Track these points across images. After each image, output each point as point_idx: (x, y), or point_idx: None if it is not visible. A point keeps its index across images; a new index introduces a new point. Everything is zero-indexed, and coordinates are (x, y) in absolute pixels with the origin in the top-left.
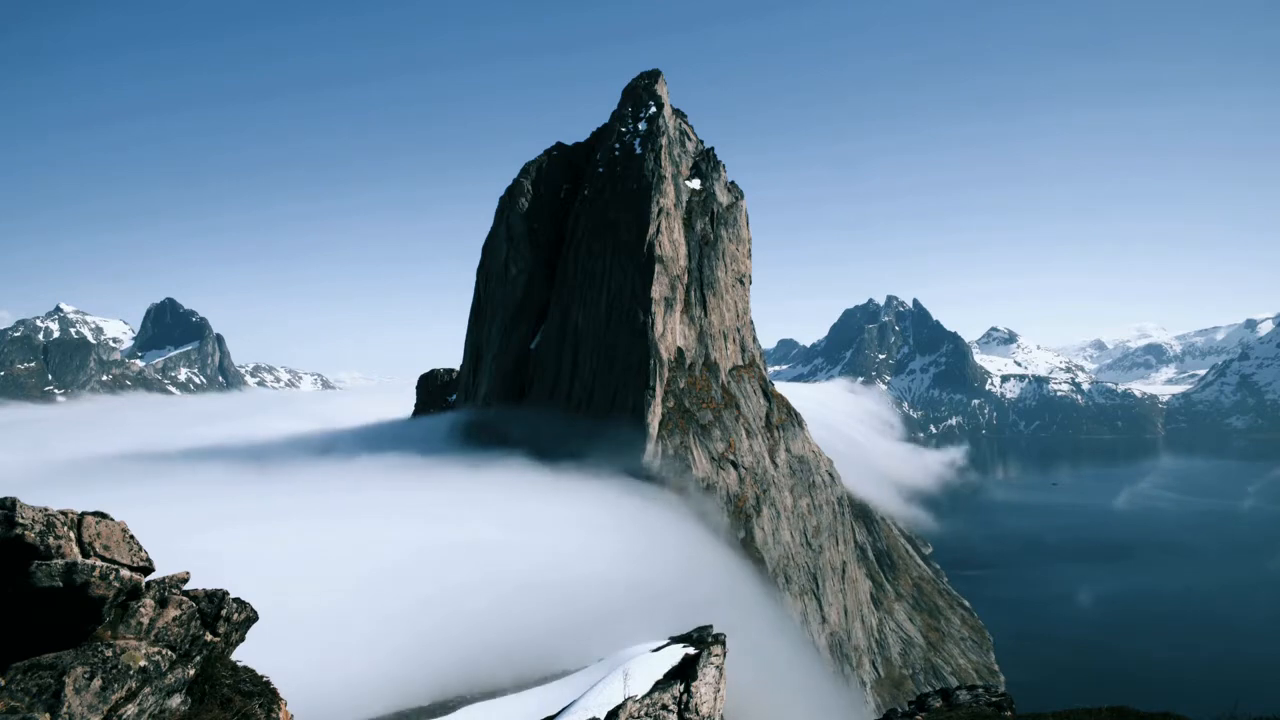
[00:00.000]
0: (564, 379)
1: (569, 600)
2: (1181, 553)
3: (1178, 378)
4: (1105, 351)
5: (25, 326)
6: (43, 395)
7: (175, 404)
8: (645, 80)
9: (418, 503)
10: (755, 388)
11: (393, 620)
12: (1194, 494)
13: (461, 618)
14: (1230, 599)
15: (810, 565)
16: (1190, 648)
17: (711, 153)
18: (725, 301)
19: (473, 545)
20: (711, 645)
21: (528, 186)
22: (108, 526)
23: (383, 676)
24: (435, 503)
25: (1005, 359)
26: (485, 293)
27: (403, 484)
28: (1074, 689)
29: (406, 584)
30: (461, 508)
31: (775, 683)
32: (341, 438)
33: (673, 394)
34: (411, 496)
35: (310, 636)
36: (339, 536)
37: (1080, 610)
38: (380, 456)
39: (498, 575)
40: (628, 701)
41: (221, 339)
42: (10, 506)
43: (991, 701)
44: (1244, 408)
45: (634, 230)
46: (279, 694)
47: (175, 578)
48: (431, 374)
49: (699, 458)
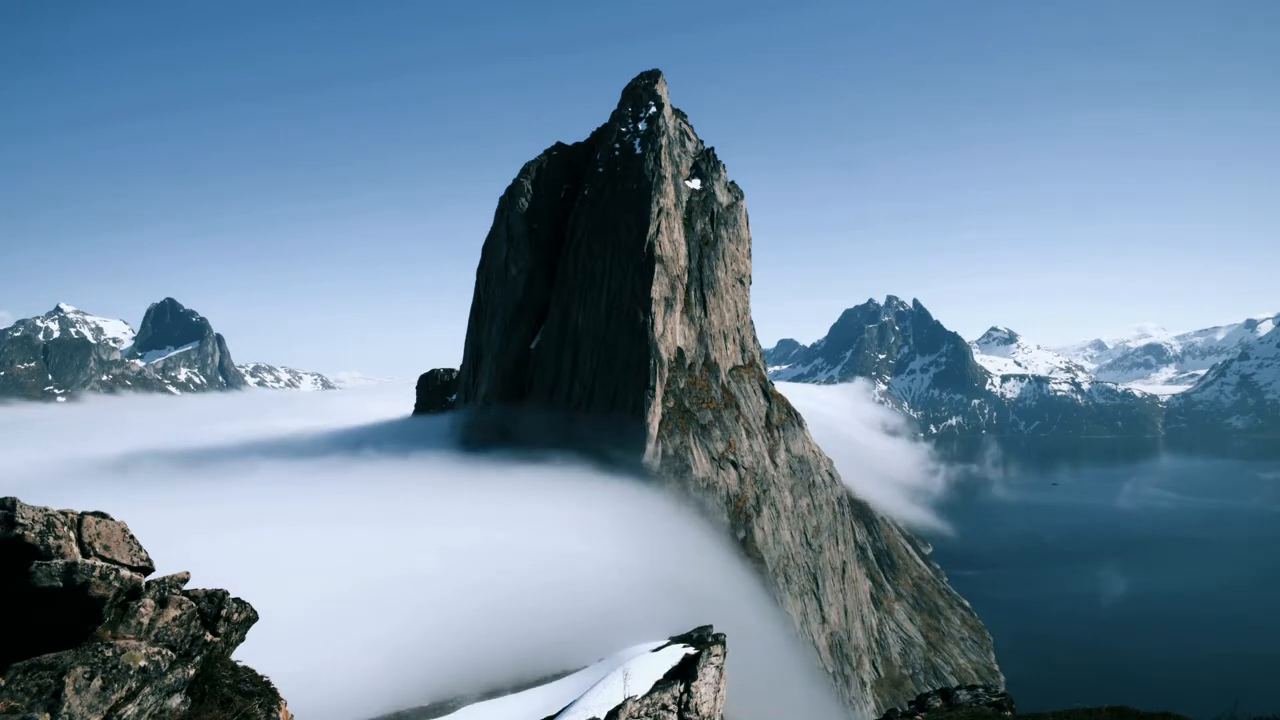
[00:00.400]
0: (564, 379)
1: (569, 600)
2: (1181, 553)
3: (1178, 378)
4: (1105, 351)
5: (25, 326)
6: (43, 395)
7: (177, 404)
8: (645, 80)
9: (417, 504)
10: (755, 388)
11: (393, 621)
12: (1194, 494)
13: (462, 618)
14: (1230, 599)
15: (810, 565)
16: (1190, 648)
17: (711, 153)
18: (725, 301)
19: (473, 546)
20: (711, 645)
21: (528, 186)
22: (108, 526)
23: (383, 677)
24: (435, 503)
25: (1005, 359)
26: (485, 293)
27: (403, 485)
28: (1074, 689)
29: (406, 585)
30: (461, 509)
31: (775, 683)
32: (341, 439)
33: (673, 394)
34: (412, 497)
35: (311, 637)
36: (338, 538)
37: (1080, 610)
38: (380, 458)
39: (498, 576)
40: (628, 701)
41: (221, 339)
42: (10, 506)
43: (991, 701)
44: (1244, 408)
45: (634, 230)
46: (279, 694)
47: (175, 578)
48: (431, 374)
49: (699, 458)
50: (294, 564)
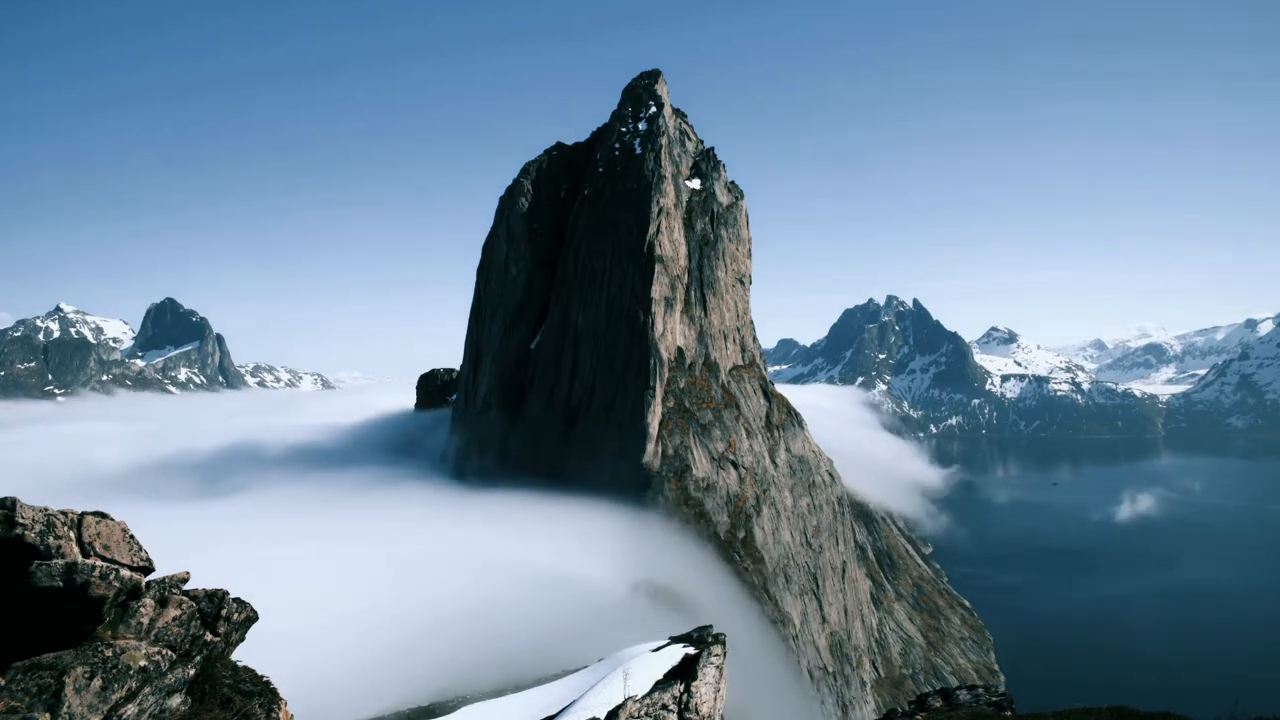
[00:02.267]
0: (564, 379)
1: (569, 600)
2: (1181, 552)
3: (1178, 378)
4: (1105, 351)
5: (25, 326)
6: (43, 395)
7: (177, 402)
8: (645, 80)
9: (416, 504)
10: (755, 387)
11: (393, 621)
12: (1194, 494)
13: (462, 618)
14: (1231, 599)
15: (810, 565)
16: (1190, 648)
17: (711, 152)
18: (725, 301)
19: (473, 547)
20: (711, 645)
21: (528, 186)
22: (108, 526)
23: (383, 676)
24: (433, 505)
25: (1005, 359)
26: (485, 293)
27: (401, 485)
28: (1074, 689)
29: (406, 585)
30: (460, 510)
31: (774, 683)
32: (341, 439)
33: (673, 394)
34: (409, 498)
35: (311, 637)
36: (338, 539)
37: (1080, 610)
38: (380, 459)
39: (498, 576)
40: (628, 701)
41: (221, 339)
42: (10, 506)
43: (991, 701)
44: (1244, 407)
45: (634, 230)
46: (279, 694)
47: (175, 578)
48: (431, 374)
49: (699, 458)
50: (293, 565)
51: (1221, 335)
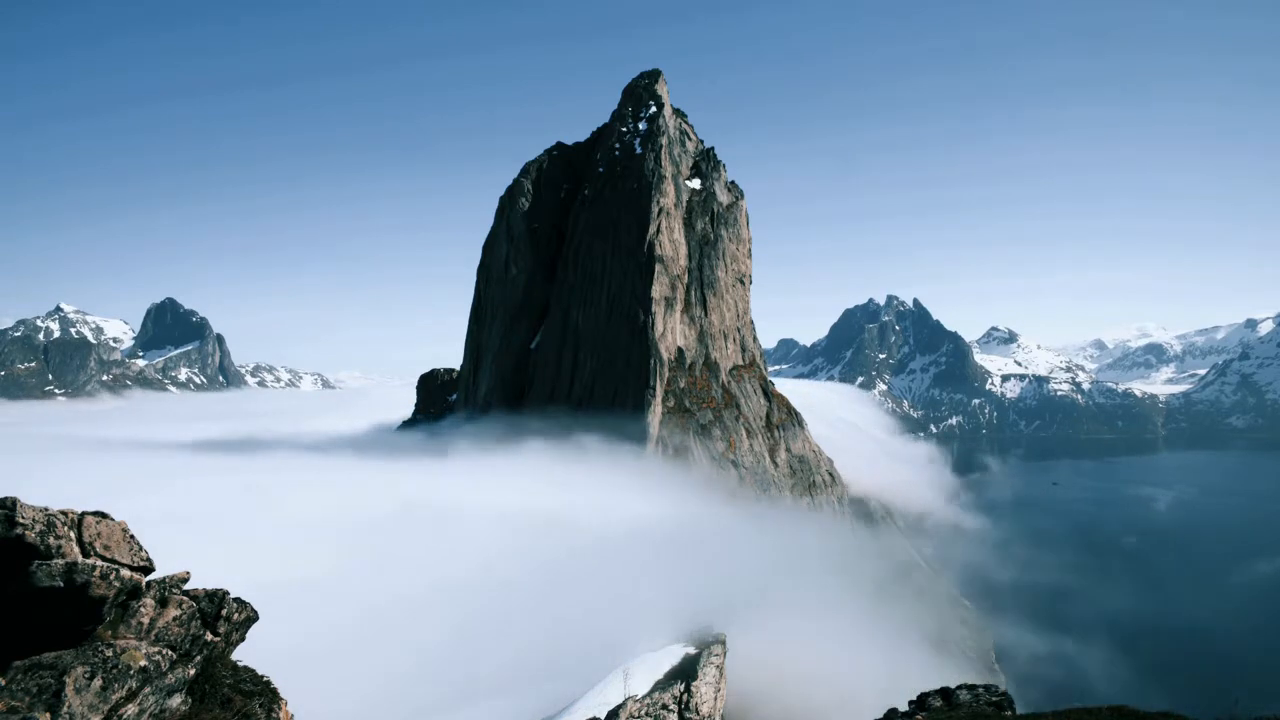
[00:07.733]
0: (564, 378)
1: (569, 600)
2: (1181, 552)
3: (1178, 377)
4: (1105, 351)
5: (25, 326)
6: (43, 395)
7: (175, 401)
8: (645, 80)
9: (417, 506)
10: (755, 387)
11: (393, 620)
12: (1194, 493)
13: (462, 618)
14: (1231, 599)
15: None
16: (1190, 648)
17: (711, 152)
18: (725, 301)
19: (472, 547)
20: (712, 645)
21: (528, 186)
22: (108, 526)
23: (384, 676)
24: (434, 507)
25: (1005, 359)
26: (485, 293)
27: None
28: (1074, 689)
29: (406, 585)
30: (460, 512)
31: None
32: (340, 440)
33: (673, 394)
34: (410, 500)
35: (311, 637)
36: (338, 540)
37: (1080, 610)
38: (380, 462)
39: (497, 576)
40: (628, 701)
41: (222, 339)
42: (10, 506)
43: (991, 701)
44: (1244, 407)
45: (634, 230)
46: (279, 694)
47: (176, 577)
48: (432, 374)
49: (699, 457)
50: (293, 566)
51: (1221, 335)
